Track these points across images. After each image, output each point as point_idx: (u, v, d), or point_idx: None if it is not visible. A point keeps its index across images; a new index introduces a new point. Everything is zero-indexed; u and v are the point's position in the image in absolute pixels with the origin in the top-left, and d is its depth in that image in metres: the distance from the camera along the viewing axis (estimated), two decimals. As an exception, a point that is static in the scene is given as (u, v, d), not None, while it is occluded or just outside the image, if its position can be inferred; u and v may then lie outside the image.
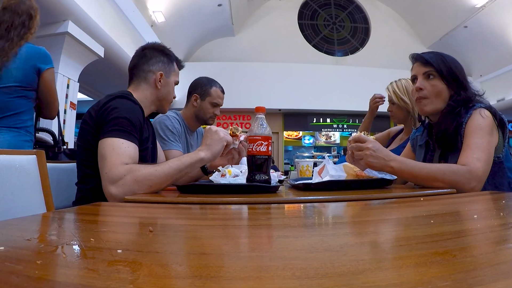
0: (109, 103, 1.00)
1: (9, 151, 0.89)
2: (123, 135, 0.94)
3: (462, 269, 0.25)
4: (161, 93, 1.19)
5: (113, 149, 0.90)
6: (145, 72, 1.17)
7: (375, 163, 0.92)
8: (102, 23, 4.68)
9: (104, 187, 0.88)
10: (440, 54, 1.10)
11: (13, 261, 0.28)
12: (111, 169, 0.87)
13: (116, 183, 0.85)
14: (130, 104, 1.02)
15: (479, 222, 0.47)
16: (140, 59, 1.19)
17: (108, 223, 0.54)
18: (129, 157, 0.92)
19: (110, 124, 0.95)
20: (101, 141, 0.93)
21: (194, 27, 7.92)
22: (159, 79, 1.17)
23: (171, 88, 1.22)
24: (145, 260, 0.29)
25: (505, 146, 1.03)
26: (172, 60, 1.23)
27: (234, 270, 0.27)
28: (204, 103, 1.69)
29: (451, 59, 1.09)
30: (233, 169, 0.99)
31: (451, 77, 1.06)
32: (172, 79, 1.22)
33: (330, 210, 0.67)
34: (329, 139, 9.55)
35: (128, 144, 0.93)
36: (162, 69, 1.18)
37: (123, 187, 0.85)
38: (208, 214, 0.60)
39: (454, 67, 1.07)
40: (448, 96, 1.07)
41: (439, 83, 1.06)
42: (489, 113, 0.99)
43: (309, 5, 10.23)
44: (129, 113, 0.98)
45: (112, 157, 0.89)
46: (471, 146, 0.93)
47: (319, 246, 0.35)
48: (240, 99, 7.80)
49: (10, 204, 0.82)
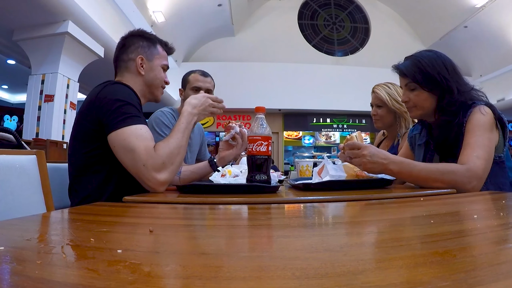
0: (102, 93, 0.94)
1: (9, 151, 0.89)
2: (135, 120, 0.90)
3: (462, 269, 0.25)
4: (146, 79, 1.12)
5: (136, 138, 0.87)
6: (125, 61, 1.11)
7: (374, 168, 0.92)
8: (102, 23, 4.68)
9: (149, 179, 0.86)
10: (417, 60, 1.04)
11: (13, 261, 0.28)
12: (150, 159, 0.85)
13: (163, 170, 0.86)
14: (124, 89, 0.98)
15: (479, 222, 0.47)
16: (119, 49, 1.13)
17: (108, 223, 0.54)
18: (152, 140, 0.91)
19: (117, 114, 0.90)
20: (115, 133, 0.88)
21: (194, 27, 7.92)
22: (140, 64, 1.10)
23: (157, 72, 1.13)
24: (145, 260, 0.29)
25: (506, 145, 1.02)
26: (154, 43, 1.15)
27: (234, 270, 0.27)
28: (186, 92, 1.68)
29: (428, 60, 1.02)
30: (233, 169, 0.99)
31: (430, 83, 1.01)
32: (156, 62, 1.13)
33: (330, 210, 0.67)
34: (329, 139, 9.54)
35: (146, 129, 0.91)
36: (142, 53, 1.11)
37: (167, 169, 0.87)
38: (208, 214, 0.60)
39: (432, 70, 1.01)
40: (434, 101, 1.04)
41: (421, 93, 1.04)
42: (489, 110, 0.97)
43: (309, 5, 10.23)
44: (128, 97, 0.94)
45: (140, 147, 0.86)
46: (471, 144, 0.92)
47: (319, 246, 0.35)
48: (240, 99, 7.79)
49: (10, 204, 0.82)
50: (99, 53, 4.91)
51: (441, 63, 1.02)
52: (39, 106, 4.31)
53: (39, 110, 4.30)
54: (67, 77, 4.51)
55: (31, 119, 4.31)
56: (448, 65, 1.03)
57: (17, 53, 5.17)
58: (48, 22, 4.15)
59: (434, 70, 1.01)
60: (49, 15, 4.00)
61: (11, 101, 9.41)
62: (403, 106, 1.50)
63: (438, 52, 1.06)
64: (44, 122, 4.27)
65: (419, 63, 1.03)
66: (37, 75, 4.37)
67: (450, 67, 1.03)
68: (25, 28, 4.25)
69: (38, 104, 4.31)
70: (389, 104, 1.55)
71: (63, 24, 4.17)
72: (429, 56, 1.04)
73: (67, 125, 4.50)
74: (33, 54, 4.43)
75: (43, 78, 4.34)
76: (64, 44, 4.30)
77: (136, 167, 0.86)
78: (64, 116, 4.47)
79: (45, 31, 4.21)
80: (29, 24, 4.18)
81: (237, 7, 8.33)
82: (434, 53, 1.06)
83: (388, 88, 1.58)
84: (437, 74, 1.00)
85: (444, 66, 1.02)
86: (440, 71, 1.01)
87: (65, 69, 4.44)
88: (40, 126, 4.27)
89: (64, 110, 4.49)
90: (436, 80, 1.00)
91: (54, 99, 4.29)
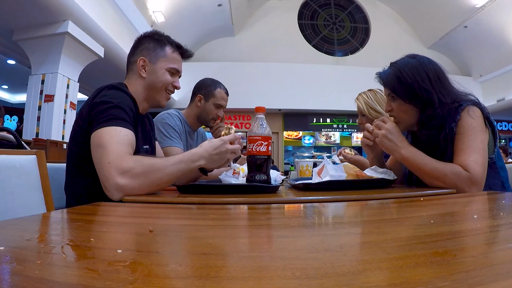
0: (96, 97, 0.93)
1: (9, 151, 0.88)
2: (118, 123, 0.86)
3: (462, 269, 0.25)
4: (147, 82, 1.06)
5: (111, 137, 0.83)
6: (131, 63, 1.08)
7: (387, 145, 0.98)
8: (102, 23, 4.68)
9: (108, 178, 0.78)
10: (398, 68, 1.01)
11: (13, 261, 0.28)
12: (117, 159, 0.79)
13: (125, 174, 0.77)
14: (118, 93, 0.95)
15: (479, 222, 0.47)
16: (130, 51, 1.11)
17: (108, 223, 0.54)
18: (130, 145, 0.85)
19: (103, 115, 0.87)
20: (95, 132, 0.85)
21: (194, 27, 7.92)
22: (141, 65, 1.05)
23: (160, 74, 1.07)
24: (145, 260, 0.29)
25: (496, 145, 1.01)
26: (162, 44, 1.09)
27: (234, 270, 0.27)
28: (208, 104, 1.66)
29: (409, 70, 0.98)
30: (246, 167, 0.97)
31: (410, 94, 0.99)
32: (160, 65, 1.07)
33: (330, 210, 0.67)
34: (329, 139, 9.54)
35: (126, 132, 0.86)
36: (146, 54, 1.06)
37: (133, 179, 0.78)
38: (208, 214, 0.60)
39: (412, 81, 0.97)
40: (417, 112, 1.01)
41: (402, 103, 1.02)
42: (478, 111, 0.96)
43: (309, 5, 10.23)
44: (120, 100, 0.92)
45: (112, 145, 0.81)
46: (466, 149, 0.92)
47: (319, 246, 0.35)
48: (240, 99, 7.79)
49: (10, 204, 0.82)
50: (99, 53, 4.91)
51: (423, 72, 0.98)
52: (39, 106, 4.31)
53: (39, 110, 4.31)
54: (67, 77, 4.51)
55: (31, 119, 4.31)
56: (431, 74, 0.99)
57: (17, 53, 5.17)
58: (48, 22, 4.15)
59: (414, 81, 0.97)
60: (49, 15, 4.01)
61: (11, 101, 9.42)
62: (381, 114, 1.49)
63: (422, 59, 1.02)
64: (44, 122, 4.27)
65: (399, 73, 1.00)
66: (37, 75, 4.38)
67: (433, 76, 0.99)
68: (25, 28, 4.25)
69: (38, 104, 4.32)
70: (366, 113, 1.56)
71: (63, 24, 4.17)
72: (411, 64, 1.00)
73: (67, 125, 4.51)
74: (33, 54, 4.43)
75: (43, 78, 4.34)
76: (64, 44, 4.30)
77: (101, 164, 0.81)
78: (64, 116, 4.48)
79: (45, 31, 4.21)
80: (29, 24, 4.18)
81: (237, 7, 8.34)
82: (417, 60, 1.02)
83: (366, 97, 1.58)
84: (417, 85, 0.97)
85: (426, 76, 0.98)
86: (421, 82, 0.97)
87: (65, 69, 4.45)
88: (40, 126, 4.27)
89: (64, 110, 4.49)
90: (416, 92, 0.97)
91: (54, 99, 4.29)
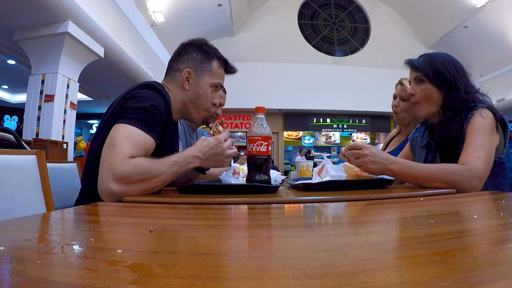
0: (132, 91, 0.90)
1: (9, 151, 0.89)
2: (141, 125, 0.83)
3: (462, 269, 0.25)
4: (189, 95, 1.02)
5: (126, 138, 0.80)
6: (173, 70, 1.03)
7: (375, 168, 0.93)
8: (102, 23, 4.68)
9: (104, 180, 0.76)
10: (430, 56, 1.10)
11: (13, 261, 0.28)
12: (116, 161, 0.76)
13: (120, 180, 0.75)
14: (154, 96, 0.90)
15: (479, 222, 0.47)
16: (174, 56, 1.05)
17: (108, 223, 0.54)
18: (143, 151, 0.82)
19: (130, 112, 0.85)
20: (116, 125, 0.83)
21: (194, 27, 7.92)
22: (186, 77, 1.01)
23: (203, 91, 1.02)
24: (145, 260, 0.29)
25: (506, 146, 1.03)
26: (209, 58, 1.03)
27: (234, 270, 0.27)
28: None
29: (441, 59, 1.08)
30: (246, 167, 0.97)
31: (439, 79, 1.06)
32: (205, 80, 1.02)
33: (330, 210, 0.67)
34: (329, 139, 9.54)
35: (144, 137, 0.83)
36: (192, 66, 1.01)
37: (127, 185, 0.76)
38: (208, 214, 0.60)
39: (443, 67, 1.06)
40: (440, 98, 1.07)
41: (428, 87, 1.08)
42: (490, 113, 0.99)
43: (309, 5, 10.24)
44: (152, 104, 0.87)
45: (122, 146, 0.78)
46: (472, 145, 0.93)
47: (319, 246, 0.35)
48: (240, 99, 7.80)
49: (10, 204, 0.82)
50: (99, 53, 4.91)
51: (452, 64, 1.08)
52: (39, 106, 4.31)
53: (39, 110, 4.30)
54: (67, 77, 4.51)
55: (31, 119, 4.31)
56: (458, 67, 1.09)
57: (17, 53, 5.17)
58: (48, 22, 4.15)
59: (444, 68, 1.06)
60: (49, 15, 4.01)
61: (11, 101, 9.41)
62: None
63: (451, 56, 1.12)
64: (44, 122, 4.27)
65: (431, 60, 1.08)
66: (37, 75, 4.37)
67: (460, 70, 1.08)
68: (25, 28, 4.25)
69: (38, 104, 4.31)
70: None
71: (63, 24, 4.17)
72: (442, 56, 1.10)
73: (67, 125, 4.51)
74: (33, 54, 4.43)
75: (43, 78, 4.34)
76: (64, 44, 4.30)
77: (104, 160, 0.79)
78: (64, 116, 4.47)
79: (45, 31, 4.21)
80: (29, 24, 4.18)
81: (237, 7, 8.34)
82: (447, 54, 1.12)
83: None
84: (447, 72, 1.06)
85: (454, 67, 1.08)
86: (451, 70, 1.06)
87: (65, 69, 4.45)
88: (40, 126, 4.27)
89: (64, 110, 4.49)
90: (445, 77, 1.05)
91: (54, 99, 4.29)
